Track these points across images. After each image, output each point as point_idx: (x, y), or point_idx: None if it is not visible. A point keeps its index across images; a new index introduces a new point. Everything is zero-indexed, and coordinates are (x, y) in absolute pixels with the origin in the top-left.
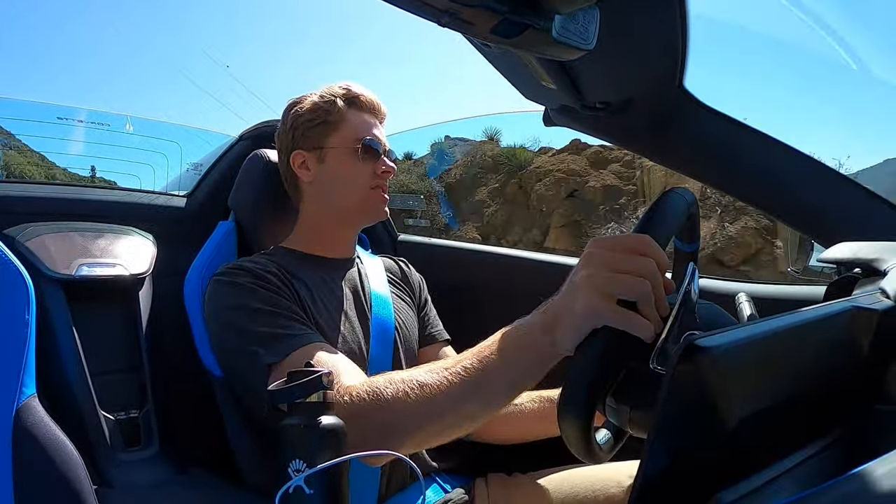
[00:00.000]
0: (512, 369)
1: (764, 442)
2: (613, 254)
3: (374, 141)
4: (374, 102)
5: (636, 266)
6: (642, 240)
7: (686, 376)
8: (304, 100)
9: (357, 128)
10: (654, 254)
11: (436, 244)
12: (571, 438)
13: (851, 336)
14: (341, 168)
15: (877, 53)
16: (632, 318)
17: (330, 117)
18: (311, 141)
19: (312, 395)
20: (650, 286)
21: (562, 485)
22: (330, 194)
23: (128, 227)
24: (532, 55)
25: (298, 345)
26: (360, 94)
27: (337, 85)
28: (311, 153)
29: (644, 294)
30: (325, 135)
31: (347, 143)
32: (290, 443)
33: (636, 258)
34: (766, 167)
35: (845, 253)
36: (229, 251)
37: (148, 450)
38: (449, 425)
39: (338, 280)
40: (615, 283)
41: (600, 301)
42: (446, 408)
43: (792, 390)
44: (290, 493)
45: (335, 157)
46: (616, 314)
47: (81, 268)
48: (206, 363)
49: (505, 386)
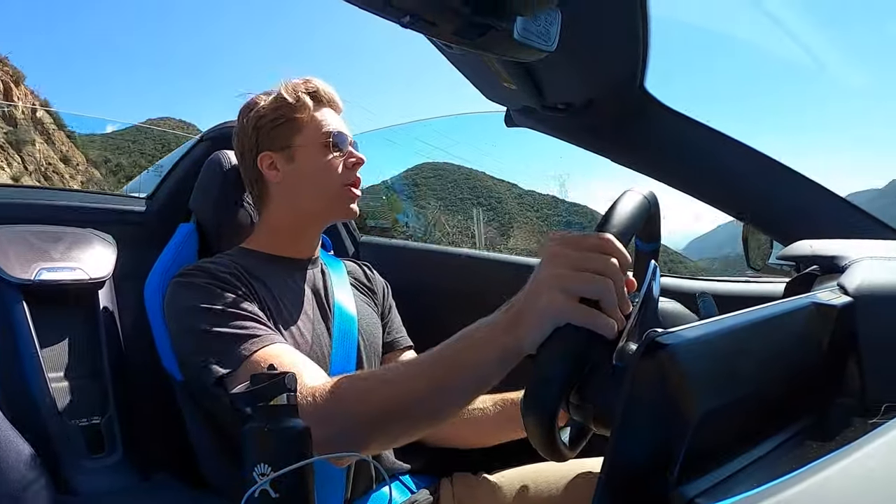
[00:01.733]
0: (475, 368)
1: (727, 436)
2: (576, 252)
3: (341, 134)
4: (333, 95)
5: (599, 265)
6: (604, 238)
7: (648, 372)
8: (263, 99)
9: (322, 123)
10: (616, 252)
11: (398, 245)
12: (536, 436)
13: (811, 331)
14: (312, 165)
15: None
16: (595, 316)
17: (294, 114)
18: (278, 141)
19: (276, 398)
20: (613, 284)
21: (527, 482)
22: (301, 193)
23: (88, 230)
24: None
25: (260, 345)
26: (319, 88)
27: (295, 80)
28: (280, 153)
29: (606, 292)
30: (292, 133)
31: (315, 138)
32: (255, 447)
33: (599, 257)
34: (726, 167)
35: (804, 250)
36: (190, 253)
37: (111, 456)
38: (413, 424)
39: (300, 281)
40: (578, 281)
41: (563, 300)
42: (410, 407)
43: (754, 385)
44: (255, 498)
45: (305, 154)
46: (579, 312)
47: (41, 272)
48: (168, 367)
49: (468, 384)
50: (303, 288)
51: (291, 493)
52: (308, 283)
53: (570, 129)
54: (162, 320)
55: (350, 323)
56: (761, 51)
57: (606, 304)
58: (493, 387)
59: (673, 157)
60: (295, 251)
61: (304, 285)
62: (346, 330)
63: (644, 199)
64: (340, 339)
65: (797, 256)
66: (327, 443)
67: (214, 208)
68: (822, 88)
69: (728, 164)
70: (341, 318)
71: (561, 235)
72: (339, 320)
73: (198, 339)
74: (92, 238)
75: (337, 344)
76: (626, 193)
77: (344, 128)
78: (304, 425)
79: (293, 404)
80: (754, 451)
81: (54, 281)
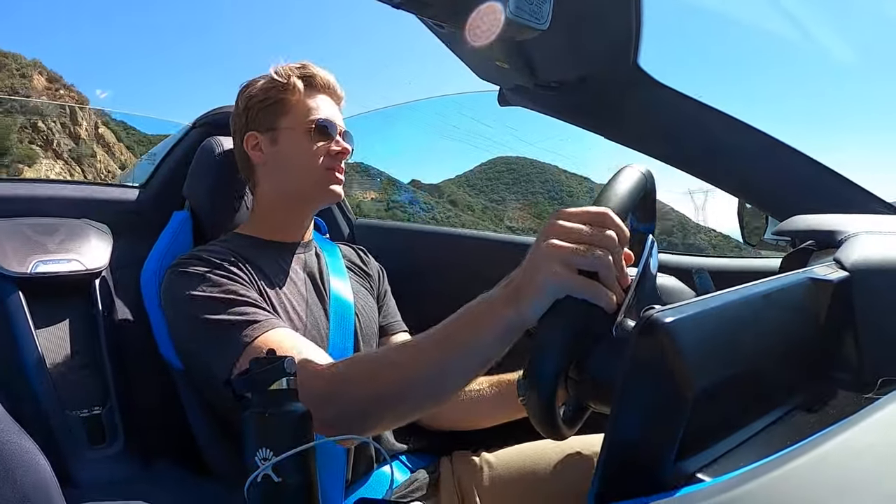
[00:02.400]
0: (477, 344)
1: (725, 411)
2: (575, 226)
3: (327, 121)
4: (329, 82)
5: (598, 238)
6: (603, 212)
7: (646, 349)
8: (258, 81)
9: (311, 108)
10: (613, 226)
11: (393, 227)
12: (536, 410)
13: (808, 306)
14: (294, 149)
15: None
16: (594, 287)
17: (283, 97)
18: (264, 122)
19: (276, 383)
20: (611, 257)
21: (526, 460)
22: (283, 176)
23: (83, 221)
24: None
25: (261, 331)
26: (314, 74)
27: (291, 64)
28: (264, 134)
29: (605, 265)
30: (278, 115)
31: (300, 123)
32: (256, 432)
33: (597, 230)
34: (720, 143)
35: (799, 225)
36: (185, 241)
37: (113, 446)
38: (417, 404)
39: (295, 265)
40: (577, 254)
41: (563, 271)
42: (414, 387)
43: (751, 361)
44: (258, 483)
45: (288, 137)
46: (579, 284)
47: (37, 265)
48: (167, 356)
49: (472, 361)
50: (298, 271)
51: (294, 477)
52: (303, 266)
53: (563, 107)
54: (159, 309)
55: (346, 305)
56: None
57: (605, 277)
58: (491, 368)
59: (667, 133)
60: (286, 235)
61: (300, 269)
62: (342, 312)
63: (641, 175)
64: (337, 321)
65: (793, 231)
66: (331, 424)
67: (208, 195)
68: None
69: (722, 140)
70: (337, 301)
71: (563, 210)
72: (335, 303)
73: (197, 327)
74: (87, 229)
75: (334, 326)
76: (625, 169)
77: (335, 116)
78: (304, 409)
79: (293, 388)
80: (752, 426)
81: (51, 273)
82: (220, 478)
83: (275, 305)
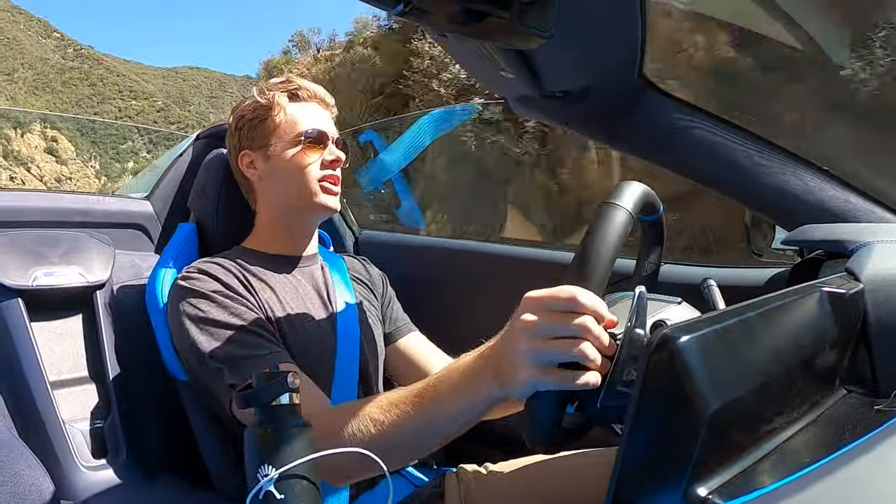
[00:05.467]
0: (461, 411)
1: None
2: (547, 320)
3: (316, 131)
4: (315, 91)
5: (572, 329)
6: (574, 298)
7: (658, 370)
8: (246, 100)
9: (298, 121)
10: (588, 309)
11: (399, 239)
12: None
13: (821, 319)
14: (286, 163)
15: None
16: (575, 377)
17: (270, 113)
18: (256, 140)
19: (278, 398)
20: (588, 344)
21: (533, 474)
22: (279, 191)
23: (85, 233)
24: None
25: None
26: (299, 86)
27: (273, 80)
28: (257, 152)
29: (584, 353)
30: (268, 132)
31: (289, 137)
32: (258, 447)
33: (571, 319)
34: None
35: (808, 235)
36: (191, 253)
37: (115, 460)
38: (403, 457)
39: (300, 278)
40: (552, 351)
41: (541, 371)
42: (400, 443)
43: (763, 377)
44: (259, 499)
45: (279, 153)
46: (558, 380)
47: (40, 277)
48: (171, 368)
49: (456, 423)
50: (304, 285)
51: (296, 494)
52: (308, 279)
53: (569, 116)
54: (164, 321)
55: (352, 318)
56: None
57: (585, 362)
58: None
59: (673, 143)
60: (290, 248)
61: (305, 282)
62: (348, 326)
63: (623, 211)
64: (344, 334)
65: (801, 241)
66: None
67: (214, 207)
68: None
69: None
70: (343, 314)
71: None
72: (341, 317)
73: (203, 351)
74: (89, 241)
75: (341, 339)
76: (600, 216)
77: (325, 125)
78: (307, 425)
79: (296, 403)
80: (766, 444)
81: (53, 286)
82: (222, 492)
83: (280, 322)
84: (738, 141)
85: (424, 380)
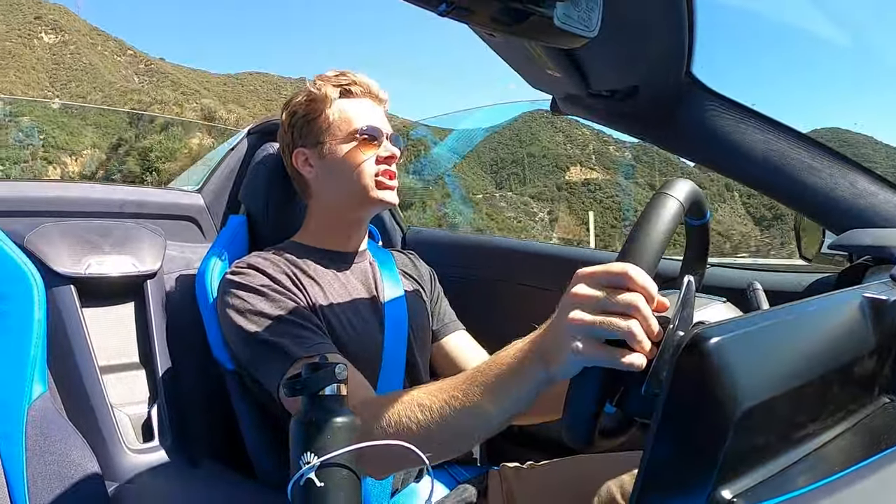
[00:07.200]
0: (508, 397)
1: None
2: (594, 293)
3: (371, 128)
4: (370, 88)
5: (622, 305)
6: (626, 273)
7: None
8: (298, 96)
9: (353, 117)
10: (639, 287)
11: (446, 236)
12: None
13: (860, 325)
14: (342, 160)
15: None
16: (620, 355)
17: (325, 110)
18: (310, 137)
19: (325, 388)
20: (637, 323)
21: (574, 472)
22: (334, 188)
23: (138, 224)
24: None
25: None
26: (353, 81)
27: (328, 73)
28: (312, 150)
29: (630, 334)
30: (322, 129)
31: (344, 134)
32: (302, 436)
33: (621, 295)
34: (775, 153)
35: (856, 240)
36: (241, 245)
37: (160, 444)
38: (447, 447)
39: (350, 274)
40: (601, 327)
41: (587, 345)
42: (444, 434)
43: (798, 381)
44: (300, 486)
45: (334, 150)
46: (604, 356)
47: (92, 265)
48: (219, 357)
49: (502, 412)
50: (353, 281)
51: (337, 482)
52: (357, 276)
53: (616, 116)
54: (213, 312)
55: (401, 314)
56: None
57: (632, 342)
58: None
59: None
60: (341, 245)
61: (354, 278)
62: (396, 322)
63: (675, 201)
64: (392, 330)
65: (849, 246)
66: (366, 460)
67: (265, 200)
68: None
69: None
70: (392, 310)
71: (584, 272)
72: (389, 313)
73: (251, 344)
74: (141, 231)
75: (388, 335)
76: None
77: (379, 121)
78: (352, 416)
79: (342, 395)
80: (798, 449)
81: (105, 274)
82: (264, 480)
83: (328, 317)
84: (787, 142)
85: (472, 367)
